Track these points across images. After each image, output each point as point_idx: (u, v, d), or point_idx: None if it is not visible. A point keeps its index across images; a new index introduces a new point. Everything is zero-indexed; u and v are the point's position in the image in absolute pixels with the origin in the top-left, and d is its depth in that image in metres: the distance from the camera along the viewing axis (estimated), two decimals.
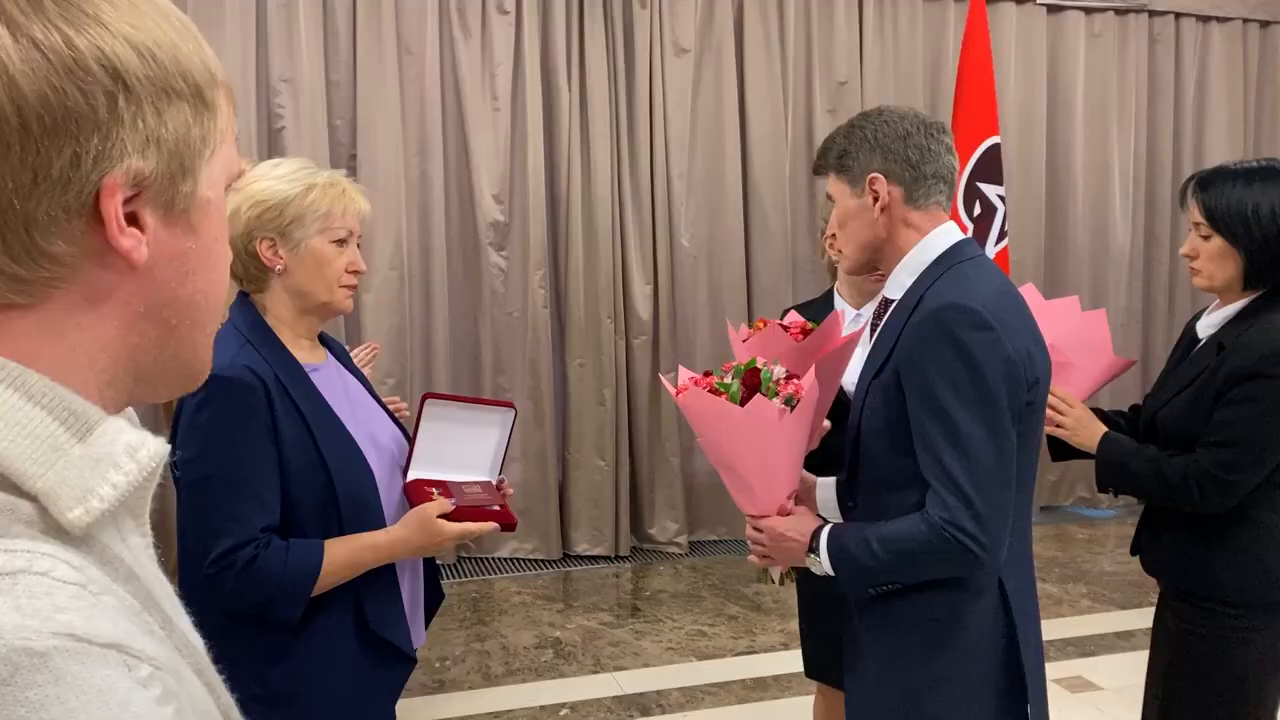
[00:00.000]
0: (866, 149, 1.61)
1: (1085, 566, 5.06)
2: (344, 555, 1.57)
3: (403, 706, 3.58)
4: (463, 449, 1.77)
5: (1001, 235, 4.17)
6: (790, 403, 1.61)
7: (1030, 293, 2.11)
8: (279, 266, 1.63)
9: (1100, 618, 4.35)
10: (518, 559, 5.18)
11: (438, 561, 1.92)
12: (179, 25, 0.60)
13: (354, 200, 1.67)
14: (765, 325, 1.86)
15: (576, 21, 5.12)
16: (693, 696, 3.61)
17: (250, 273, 1.64)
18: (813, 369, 1.68)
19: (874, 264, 1.70)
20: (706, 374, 1.67)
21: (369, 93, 4.85)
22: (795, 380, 1.63)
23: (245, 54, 4.67)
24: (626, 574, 5.06)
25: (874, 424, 1.61)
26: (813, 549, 1.63)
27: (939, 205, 1.64)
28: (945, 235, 1.63)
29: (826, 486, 1.85)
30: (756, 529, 1.72)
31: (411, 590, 1.78)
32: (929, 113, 1.81)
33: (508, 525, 1.74)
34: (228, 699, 0.66)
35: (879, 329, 1.68)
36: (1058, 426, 2.14)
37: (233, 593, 1.50)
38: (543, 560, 5.17)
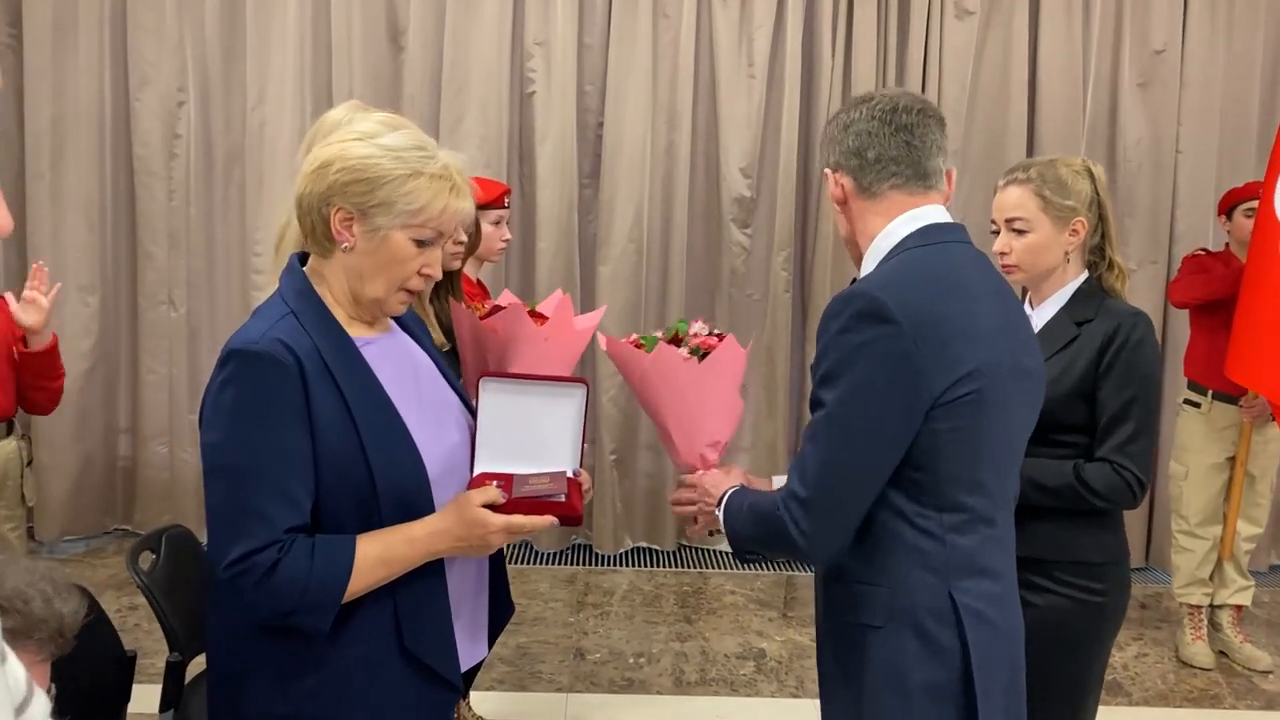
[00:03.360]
0: (825, 145, 1.65)
1: None
2: (377, 551, 1.35)
3: (584, 701, 3.44)
4: (534, 436, 1.54)
5: None
6: (698, 353, 1.72)
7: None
8: (346, 244, 1.41)
9: None
10: None
11: (601, 551, 1.68)
12: None
13: (457, 199, 1.42)
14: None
15: None
16: None
17: (317, 235, 1.44)
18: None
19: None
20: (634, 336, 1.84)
21: (621, 57, 4.66)
22: (708, 338, 1.76)
23: (502, 18, 4.61)
24: None
25: None
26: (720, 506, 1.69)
27: (898, 188, 1.57)
28: (911, 221, 1.57)
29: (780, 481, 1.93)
30: (688, 484, 1.78)
31: (473, 605, 1.55)
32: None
33: (569, 519, 1.50)
34: None
35: None
36: None
37: (251, 601, 1.31)
38: (765, 560, 4.85)
